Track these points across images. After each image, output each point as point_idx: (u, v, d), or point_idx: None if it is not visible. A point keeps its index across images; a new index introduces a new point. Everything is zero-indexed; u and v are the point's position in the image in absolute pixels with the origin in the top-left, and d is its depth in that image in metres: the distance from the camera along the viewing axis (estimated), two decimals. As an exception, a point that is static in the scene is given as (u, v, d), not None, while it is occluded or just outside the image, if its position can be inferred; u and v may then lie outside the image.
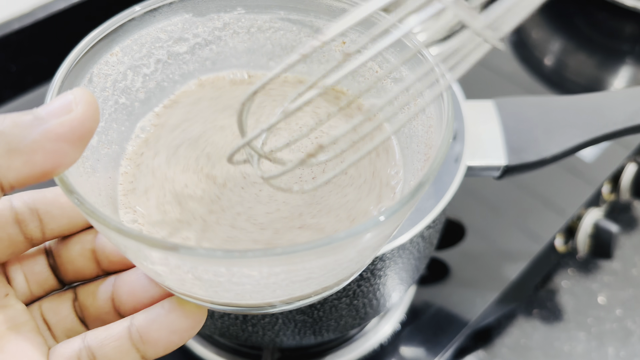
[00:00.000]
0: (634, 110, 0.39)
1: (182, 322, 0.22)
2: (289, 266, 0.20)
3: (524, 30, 0.76)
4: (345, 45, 0.28)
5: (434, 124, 0.24)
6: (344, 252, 0.20)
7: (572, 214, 0.54)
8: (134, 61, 0.26)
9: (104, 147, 0.25)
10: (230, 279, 0.20)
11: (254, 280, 0.20)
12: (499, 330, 0.51)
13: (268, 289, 0.21)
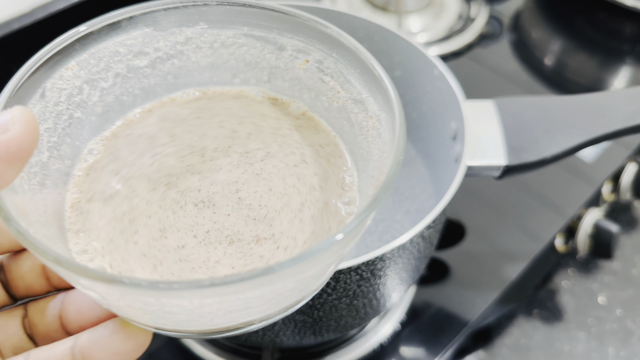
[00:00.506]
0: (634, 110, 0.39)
1: (125, 345, 0.22)
2: (220, 297, 0.19)
3: (524, 30, 0.76)
4: (308, 63, 0.27)
5: (387, 149, 0.23)
6: (281, 283, 0.20)
7: (572, 214, 0.54)
8: (91, 75, 0.26)
9: (56, 162, 0.24)
10: (161, 308, 0.19)
11: (186, 310, 0.20)
12: (499, 330, 0.51)
13: (204, 318, 0.20)
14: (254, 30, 0.27)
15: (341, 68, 0.26)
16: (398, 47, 0.45)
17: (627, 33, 0.76)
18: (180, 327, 0.22)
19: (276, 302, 0.21)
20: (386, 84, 0.23)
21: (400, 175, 0.47)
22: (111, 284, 0.18)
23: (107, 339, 0.21)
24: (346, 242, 0.20)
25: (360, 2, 0.76)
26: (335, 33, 0.25)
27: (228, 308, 0.20)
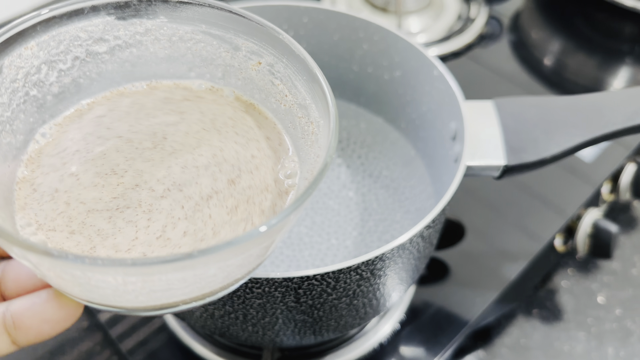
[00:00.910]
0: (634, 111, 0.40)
1: (56, 314, 0.22)
2: (143, 277, 0.20)
3: (523, 31, 0.76)
4: (260, 65, 0.29)
5: (322, 154, 0.25)
6: (202, 269, 0.21)
7: (572, 214, 0.54)
8: (50, 56, 0.27)
9: (8, 136, 0.25)
10: (88, 282, 0.20)
11: (111, 285, 0.21)
12: (498, 330, 0.51)
13: (129, 295, 0.21)
14: (211, 29, 0.29)
15: (290, 73, 0.28)
16: (398, 47, 0.45)
17: (627, 33, 0.77)
18: (108, 302, 0.22)
19: (199, 287, 0.22)
20: (327, 93, 0.25)
21: (400, 175, 0.47)
22: (41, 255, 0.19)
23: (39, 307, 0.22)
24: (265, 237, 0.21)
25: (360, 3, 0.76)
26: (286, 40, 0.27)
27: (151, 287, 0.21)
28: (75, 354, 0.48)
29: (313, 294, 0.33)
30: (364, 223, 0.45)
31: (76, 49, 0.27)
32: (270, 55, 0.28)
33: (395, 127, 0.50)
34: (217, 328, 0.37)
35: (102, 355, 0.48)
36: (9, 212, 0.24)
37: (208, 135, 0.28)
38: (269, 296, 0.32)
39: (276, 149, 0.28)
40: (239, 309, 0.34)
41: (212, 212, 0.25)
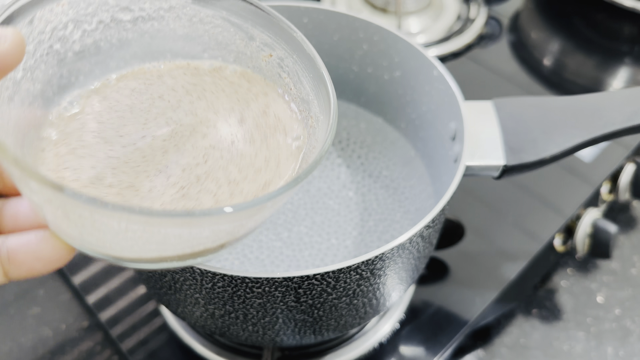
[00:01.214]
0: (633, 111, 0.40)
1: (49, 253, 0.24)
2: (144, 226, 0.22)
3: (523, 31, 0.76)
4: (271, 57, 0.31)
5: (317, 147, 0.27)
6: (196, 229, 0.23)
7: (571, 214, 0.54)
8: (78, 16, 0.28)
9: (27, 82, 0.27)
10: (92, 224, 0.22)
11: (113, 230, 0.22)
12: (498, 330, 0.51)
13: (126, 243, 0.23)
14: (231, 16, 0.30)
15: (297, 69, 0.29)
16: (398, 47, 0.45)
17: (626, 34, 0.77)
18: (102, 249, 0.24)
19: (190, 245, 0.24)
20: (330, 92, 0.27)
21: (400, 175, 0.47)
22: (57, 191, 0.20)
23: (34, 245, 0.24)
24: (256, 210, 0.23)
25: (360, 3, 0.76)
26: (299, 38, 0.29)
27: (148, 238, 0.22)
28: (76, 353, 0.48)
29: (313, 294, 0.33)
30: (364, 223, 0.45)
31: (102, 14, 0.29)
32: (282, 50, 0.30)
33: (395, 127, 0.50)
34: (218, 328, 0.37)
35: (103, 355, 0.48)
36: (29, 155, 0.26)
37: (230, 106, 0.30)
38: (269, 296, 0.32)
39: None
40: (239, 309, 0.34)
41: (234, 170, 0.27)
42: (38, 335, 0.49)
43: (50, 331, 0.49)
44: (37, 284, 0.52)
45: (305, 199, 0.46)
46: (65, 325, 0.50)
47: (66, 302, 0.51)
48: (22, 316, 0.50)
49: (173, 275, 0.33)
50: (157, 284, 0.36)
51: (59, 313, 0.50)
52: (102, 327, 0.48)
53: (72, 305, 0.51)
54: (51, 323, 0.50)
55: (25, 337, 0.49)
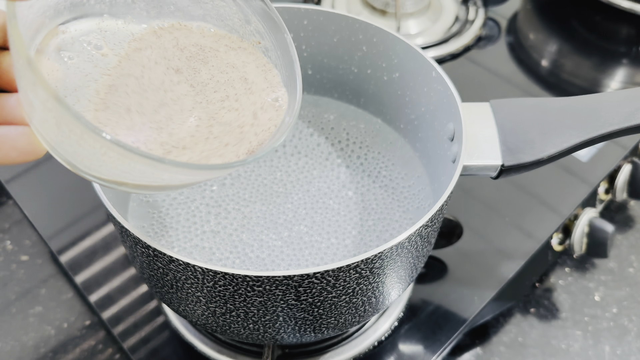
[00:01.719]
0: (630, 111, 0.40)
1: (24, 146, 0.26)
2: (119, 156, 0.24)
3: (521, 32, 0.76)
4: (259, 44, 0.33)
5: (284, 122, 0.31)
6: (159, 172, 0.25)
7: (569, 214, 0.54)
8: None
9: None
10: (77, 141, 0.24)
11: (93, 151, 0.24)
12: (496, 328, 0.51)
13: (98, 163, 0.25)
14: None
15: (278, 63, 0.32)
16: (396, 49, 0.46)
17: (623, 35, 0.77)
18: (74, 161, 0.26)
19: (148, 180, 0.27)
20: (297, 99, 0.31)
21: (399, 175, 0.48)
22: (62, 108, 0.22)
23: (13, 135, 0.26)
24: (201, 173, 0.27)
25: (360, 5, 0.77)
26: (288, 40, 0.32)
27: (117, 165, 0.25)
28: (78, 352, 0.48)
29: (313, 292, 0.33)
30: (363, 222, 0.45)
31: None
32: (270, 42, 0.33)
33: (394, 127, 0.50)
34: (219, 326, 0.38)
35: (105, 354, 0.48)
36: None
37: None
38: (269, 294, 0.33)
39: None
40: (240, 307, 0.34)
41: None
42: (40, 334, 0.50)
43: (53, 330, 0.50)
44: (39, 283, 0.53)
45: (305, 198, 0.47)
46: (67, 324, 0.50)
47: (68, 301, 0.51)
48: (24, 315, 0.51)
49: (175, 274, 0.33)
50: (159, 283, 0.36)
51: (61, 312, 0.51)
52: (104, 325, 0.49)
53: (74, 304, 0.51)
54: (53, 322, 0.50)
55: (27, 336, 0.49)
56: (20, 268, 0.54)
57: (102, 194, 0.34)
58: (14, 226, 0.57)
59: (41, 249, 0.55)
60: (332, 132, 0.51)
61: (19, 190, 0.57)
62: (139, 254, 0.35)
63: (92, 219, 0.54)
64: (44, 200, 0.56)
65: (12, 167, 0.59)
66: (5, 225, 0.57)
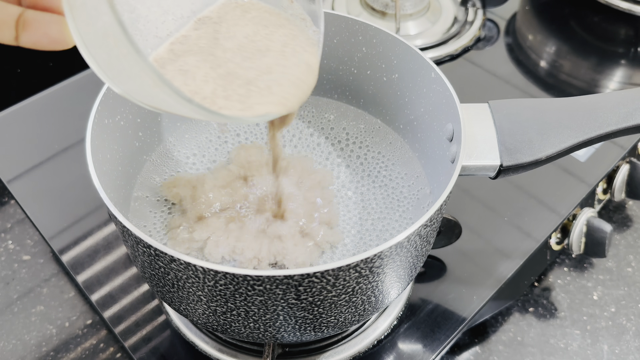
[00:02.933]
0: (628, 112, 0.40)
1: (56, 35, 0.28)
2: (164, 90, 0.25)
3: (519, 33, 0.77)
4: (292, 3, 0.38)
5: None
6: (178, 105, 0.27)
7: (567, 214, 0.55)
8: None
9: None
10: (118, 52, 0.25)
11: (130, 70, 0.25)
12: (495, 327, 0.52)
13: (131, 80, 0.27)
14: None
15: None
16: (396, 50, 0.46)
17: (622, 36, 0.77)
18: (104, 68, 0.27)
19: (166, 105, 0.28)
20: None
21: (399, 175, 0.48)
22: (114, 17, 0.23)
23: (48, 23, 0.28)
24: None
25: (359, 6, 0.77)
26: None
27: (145, 87, 0.26)
28: (80, 351, 0.48)
29: (313, 291, 0.33)
30: (363, 222, 0.45)
31: None
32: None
33: (393, 128, 0.51)
34: (220, 325, 0.38)
35: (106, 352, 0.48)
36: None
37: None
38: (270, 293, 0.33)
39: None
40: (241, 306, 0.34)
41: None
42: (42, 333, 0.50)
43: (54, 329, 0.50)
44: (41, 282, 0.53)
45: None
46: (69, 323, 0.50)
47: (70, 300, 0.52)
48: (26, 314, 0.51)
49: (176, 273, 0.34)
50: (160, 282, 0.37)
51: (62, 311, 0.51)
52: (106, 324, 0.49)
53: (75, 304, 0.51)
54: (55, 321, 0.50)
55: (30, 335, 0.50)
56: (22, 267, 0.54)
57: (103, 194, 0.35)
58: (15, 226, 0.58)
59: (43, 249, 0.56)
60: (332, 132, 0.51)
61: (21, 190, 0.57)
62: (140, 253, 0.35)
63: (93, 219, 0.55)
64: (46, 200, 0.56)
65: (14, 167, 0.59)
66: (7, 225, 0.58)
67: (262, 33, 0.36)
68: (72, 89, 0.67)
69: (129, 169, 0.45)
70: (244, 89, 0.32)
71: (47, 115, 0.65)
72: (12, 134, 0.63)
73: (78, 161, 0.39)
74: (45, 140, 0.62)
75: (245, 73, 0.33)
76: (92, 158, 0.37)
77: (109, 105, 0.41)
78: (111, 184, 0.40)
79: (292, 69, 0.35)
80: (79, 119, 0.41)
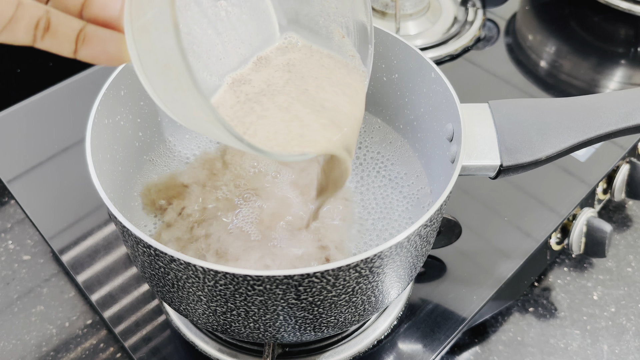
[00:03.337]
0: (628, 112, 0.40)
1: (114, 52, 0.29)
2: (205, 115, 0.26)
3: (519, 33, 0.77)
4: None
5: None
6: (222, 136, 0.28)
7: (567, 214, 0.55)
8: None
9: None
10: (177, 88, 0.26)
11: (186, 102, 0.26)
12: (495, 327, 0.52)
13: (182, 108, 0.28)
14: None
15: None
16: (396, 50, 0.46)
17: (622, 36, 0.77)
18: (155, 90, 0.28)
19: (211, 134, 0.30)
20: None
21: (399, 174, 0.48)
22: (176, 37, 0.24)
23: (107, 40, 0.29)
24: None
25: (359, 5, 0.77)
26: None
27: (192, 116, 0.28)
28: (80, 351, 0.48)
29: (313, 291, 0.33)
30: (363, 222, 0.45)
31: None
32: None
33: (393, 127, 0.51)
34: (219, 325, 0.38)
35: (106, 352, 0.48)
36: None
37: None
38: (270, 293, 0.33)
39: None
40: (241, 306, 0.35)
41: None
42: (42, 332, 0.50)
43: (54, 329, 0.50)
44: (41, 282, 0.53)
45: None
46: (69, 323, 0.50)
47: (70, 300, 0.52)
48: (27, 314, 0.51)
49: (176, 273, 0.34)
50: (160, 282, 0.37)
51: (62, 311, 0.51)
52: (106, 324, 0.49)
53: (75, 303, 0.52)
54: (55, 321, 0.50)
55: (30, 335, 0.50)
56: (22, 267, 0.54)
57: (103, 194, 0.35)
58: (15, 226, 0.58)
59: (43, 249, 0.56)
60: (332, 133, 0.51)
61: (21, 190, 0.57)
62: (140, 253, 0.35)
63: (93, 219, 0.55)
64: (46, 200, 0.56)
65: (14, 167, 0.59)
66: (7, 225, 0.58)
67: (320, 76, 0.37)
68: (72, 89, 0.67)
69: (129, 169, 0.45)
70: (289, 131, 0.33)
71: (47, 115, 0.65)
72: (12, 134, 0.63)
73: (78, 161, 0.39)
74: (45, 140, 0.62)
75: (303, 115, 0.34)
76: (92, 158, 0.37)
77: (109, 105, 0.41)
78: (111, 184, 0.40)
79: (340, 111, 0.36)
80: (79, 119, 0.41)
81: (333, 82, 0.37)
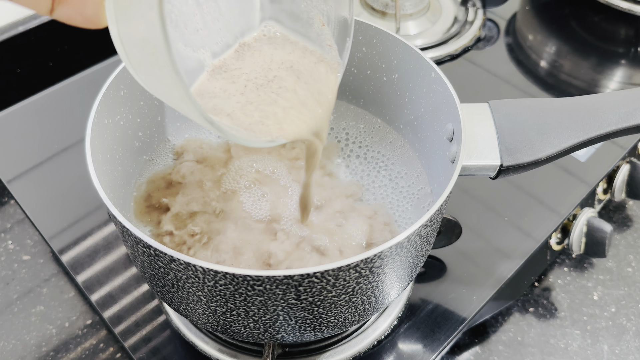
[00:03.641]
0: (628, 112, 0.40)
1: (91, 15, 0.28)
2: (173, 89, 0.26)
3: (519, 33, 0.77)
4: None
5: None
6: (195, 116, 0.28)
7: (567, 214, 0.55)
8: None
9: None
10: (153, 63, 0.25)
11: (163, 81, 0.26)
12: (495, 327, 0.52)
13: (158, 84, 0.27)
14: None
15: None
16: (396, 50, 0.46)
17: (622, 35, 0.77)
18: (131, 62, 0.28)
19: (178, 108, 0.29)
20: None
21: (399, 174, 0.48)
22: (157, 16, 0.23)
23: (84, 1, 0.27)
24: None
25: (360, 6, 0.77)
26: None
27: (164, 87, 0.27)
28: (79, 351, 0.48)
29: (313, 292, 0.33)
30: (363, 222, 0.45)
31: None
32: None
33: (393, 127, 0.51)
34: (220, 325, 0.38)
35: (106, 352, 0.48)
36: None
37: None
38: (270, 293, 0.33)
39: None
40: (241, 306, 0.34)
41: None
42: (42, 333, 0.50)
43: (54, 329, 0.50)
44: (41, 282, 0.53)
45: (305, 198, 0.47)
46: (69, 323, 0.50)
47: (69, 300, 0.52)
48: (26, 314, 0.51)
49: (176, 273, 0.34)
50: (160, 282, 0.37)
51: (62, 311, 0.51)
52: (105, 324, 0.49)
53: (75, 304, 0.52)
54: (55, 321, 0.50)
55: (29, 335, 0.50)
56: (21, 267, 0.54)
57: (103, 194, 0.35)
58: (15, 226, 0.58)
59: (43, 249, 0.56)
60: (332, 132, 0.51)
61: (21, 190, 0.57)
62: (140, 253, 0.35)
63: (93, 219, 0.55)
64: (46, 200, 0.56)
65: (14, 167, 0.59)
66: (6, 225, 0.58)
67: (295, 66, 0.38)
68: (72, 89, 0.67)
69: (129, 169, 0.45)
70: (261, 114, 0.34)
71: (47, 115, 0.65)
72: (12, 134, 0.63)
73: (78, 161, 0.39)
74: (45, 140, 0.62)
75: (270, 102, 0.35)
76: (92, 158, 0.37)
77: (109, 105, 0.41)
78: (111, 184, 0.40)
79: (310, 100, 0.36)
80: (79, 119, 0.41)
81: (307, 73, 0.37)
